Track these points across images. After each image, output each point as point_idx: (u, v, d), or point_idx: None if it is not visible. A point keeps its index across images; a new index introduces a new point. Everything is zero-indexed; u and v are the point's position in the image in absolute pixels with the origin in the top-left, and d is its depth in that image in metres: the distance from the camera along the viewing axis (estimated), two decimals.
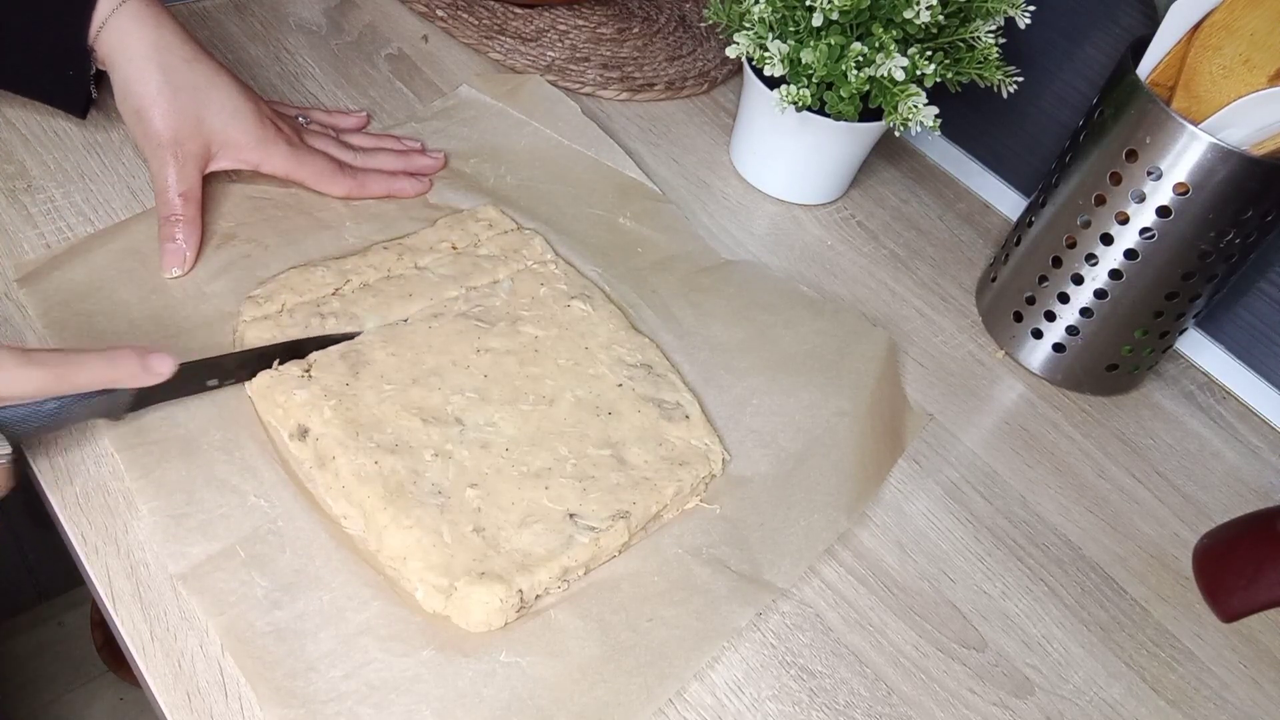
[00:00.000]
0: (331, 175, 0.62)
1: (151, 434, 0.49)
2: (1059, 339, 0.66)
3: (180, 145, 0.56)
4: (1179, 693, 0.54)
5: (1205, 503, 0.64)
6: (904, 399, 0.64)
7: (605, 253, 0.66)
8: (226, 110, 0.57)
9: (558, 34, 0.83)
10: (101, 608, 0.45)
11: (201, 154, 0.57)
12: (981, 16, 0.64)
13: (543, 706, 0.44)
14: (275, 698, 0.42)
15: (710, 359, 0.61)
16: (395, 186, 0.65)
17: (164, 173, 0.56)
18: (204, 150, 0.57)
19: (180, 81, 0.56)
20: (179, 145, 0.56)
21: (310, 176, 0.61)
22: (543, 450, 0.52)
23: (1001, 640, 0.54)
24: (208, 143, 0.57)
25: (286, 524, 0.47)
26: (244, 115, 0.58)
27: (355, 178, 0.63)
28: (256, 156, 0.59)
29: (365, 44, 0.77)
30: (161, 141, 0.56)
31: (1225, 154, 0.55)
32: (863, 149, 0.73)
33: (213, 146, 0.57)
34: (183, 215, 0.56)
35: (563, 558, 0.48)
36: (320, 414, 0.50)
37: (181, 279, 0.56)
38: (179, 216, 0.56)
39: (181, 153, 0.56)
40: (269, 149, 0.59)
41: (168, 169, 0.56)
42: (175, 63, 0.56)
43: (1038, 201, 0.66)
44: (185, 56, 0.56)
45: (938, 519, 0.58)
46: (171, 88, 0.55)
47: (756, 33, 0.66)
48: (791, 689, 0.49)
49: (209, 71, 0.57)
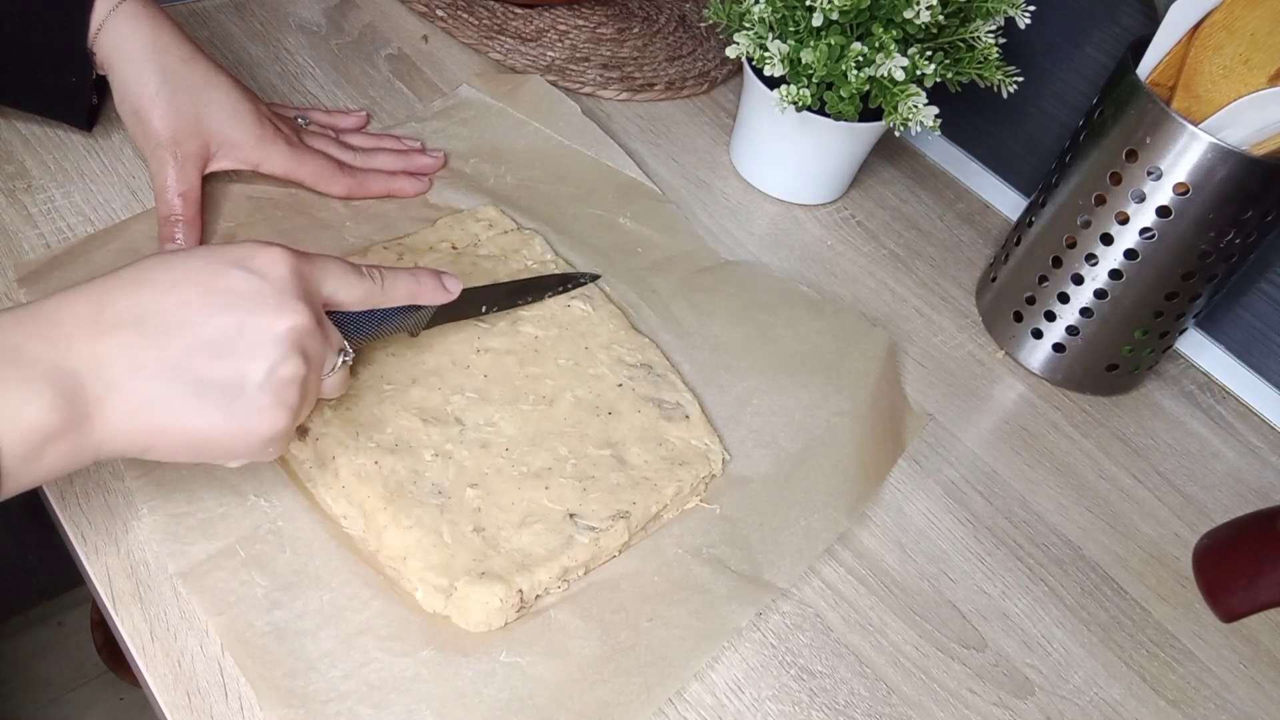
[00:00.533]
0: (331, 175, 0.62)
1: None
2: (1059, 339, 0.66)
3: (179, 145, 0.56)
4: (1179, 693, 0.54)
5: (1205, 503, 0.64)
6: (904, 399, 0.64)
7: (605, 253, 0.65)
8: (225, 110, 0.57)
9: (558, 34, 0.83)
10: (101, 608, 0.45)
11: (201, 154, 0.57)
12: (981, 16, 0.64)
13: (543, 706, 0.44)
14: (275, 697, 0.42)
15: (710, 359, 0.61)
16: (395, 186, 0.65)
17: (163, 173, 0.56)
18: (203, 150, 0.57)
19: (178, 81, 0.55)
20: (178, 145, 0.56)
21: (310, 176, 0.61)
22: (543, 450, 0.52)
23: (1001, 640, 0.54)
24: (207, 143, 0.57)
25: (286, 524, 0.48)
26: (243, 115, 0.58)
27: (355, 177, 0.63)
28: (256, 156, 0.59)
29: (365, 44, 0.77)
30: (160, 141, 0.56)
31: (1225, 154, 0.55)
32: (863, 149, 0.73)
33: (212, 146, 0.57)
34: (182, 215, 0.56)
35: (563, 558, 0.48)
36: (320, 414, 0.50)
37: None
38: (178, 216, 0.56)
39: (181, 153, 0.56)
40: (268, 148, 0.59)
41: (167, 169, 0.56)
42: (173, 63, 0.55)
43: (1038, 201, 0.66)
44: (183, 56, 0.56)
45: (938, 519, 0.58)
46: (170, 88, 0.55)
47: (756, 33, 0.66)
48: (791, 689, 0.49)
49: (207, 71, 0.57)
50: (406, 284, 0.48)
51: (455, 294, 0.51)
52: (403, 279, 0.48)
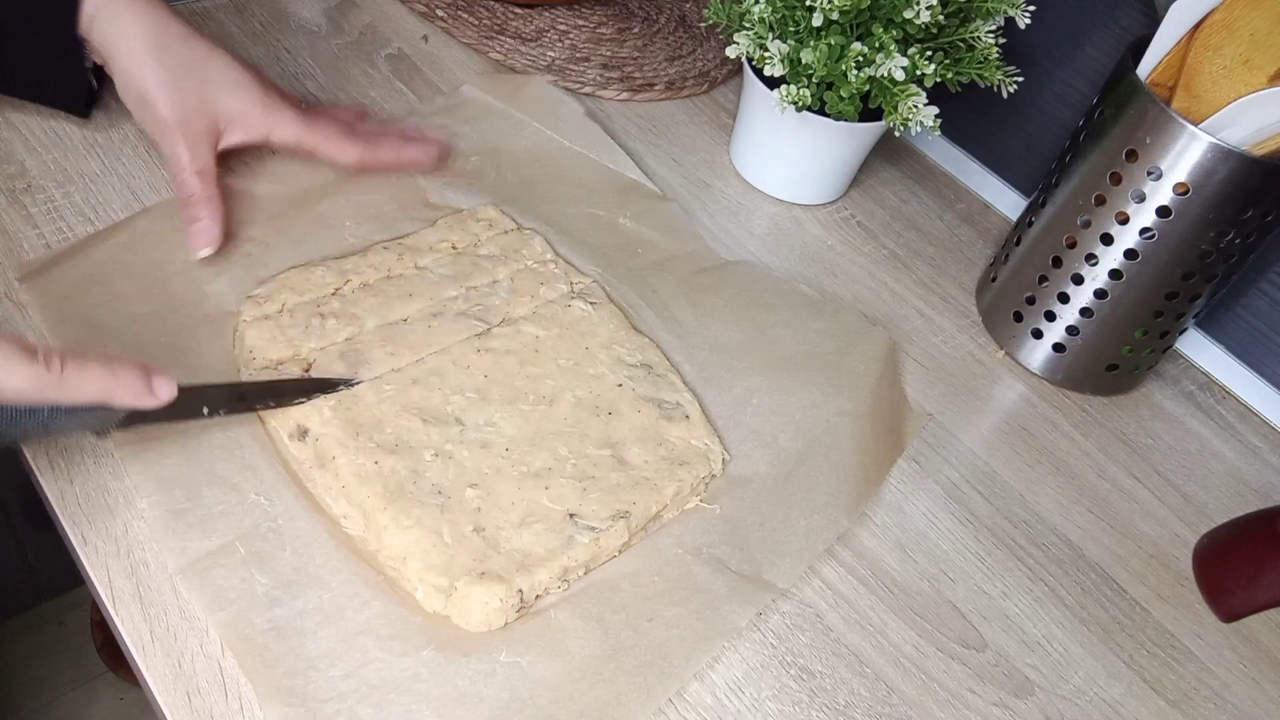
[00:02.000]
0: (343, 140, 0.60)
1: (152, 431, 0.49)
2: (1059, 339, 0.66)
3: (188, 125, 0.55)
4: (1179, 693, 0.54)
5: (1205, 503, 0.64)
6: (904, 399, 0.64)
7: (605, 253, 0.66)
8: (229, 83, 0.56)
9: (558, 34, 0.83)
10: (101, 608, 0.45)
11: (211, 131, 0.56)
12: (981, 16, 0.64)
13: (543, 706, 0.44)
14: (275, 696, 0.42)
15: (710, 359, 0.61)
16: (407, 155, 0.63)
17: (176, 154, 0.55)
18: (212, 127, 0.56)
19: (178, 62, 0.55)
20: (187, 125, 0.55)
21: (322, 142, 0.60)
22: (543, 450, 0.52)
23: (1001, 640, 0.54)
24: (215, 119, 0.56)
25: (286, 523, 0.47)
26: (246, 85, 0.57)
27: (367, 141, 0.61)
28: (266, 125, 0.58)
29: (365, 44, 0.77)
30: (169, 124, 0.55)
31: (1225, 154, 0.55)
32: (863, 149, 0.74)
33: (220, 122, 0.57)
34: (202, 194, 0.56)
35: (563, 558, 0.48)
36: (320, 414, 0.50)
37: (182, 278, 0.56)
38: (198, 195, 0.56)
39: (191, 131, 0.55)
40: (277, 115, 0.58)
41: (179, 150, 0.55)
42: (171, 43, 0.55)
43: (1038, 201, 0.66)
44: (180, 36, 0.55)
45: (938, 519, 0.58)
46: (171, 69, 0.55)
47: (756, 33, 0.66)
48: (791, 689, 0.49)
49: (206, 49, 0.56)
50: (96, 379, 0.40)
51: (163, 400, 0.42)
52: (92, 373, 0.39)
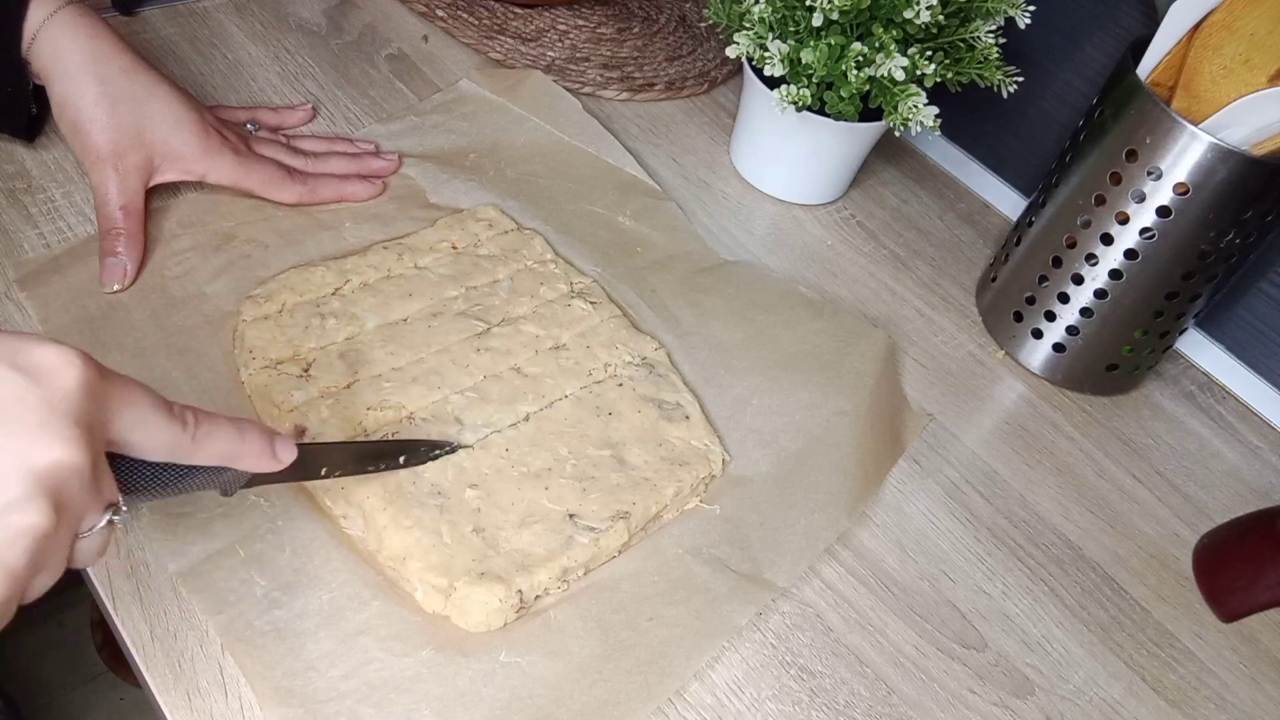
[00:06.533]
0: (280, 182, 0.60)
1: None
2: (1059, 339, 0.66)
3: (121, 158, 0.54)
4: (1179, 693, 0.54)
5: (1205, 503, 0.64)
6: (904, 399, 0.64)
7: (605, 252, 0.65)
8: (168, 121, 0.56)
9: (558, 34, 0.83)
10: (101, 608, 0.45)
11: (144, 166, 0.56)
12: (981, 16, 0.64)
13: (543, 706, 0.44)
14: (275, 697, 0.42)
15: (710, 359, 0.61)
16: (346, 191, 0.63)
17: (104, 186, 0.55)
18: (146, 163, 0.56)
19: (118, 92, 0.54)
20: (119, 158, 0.54)
21: (259, 184, 0.60)
22: (542, 450, 0.52)
23: (1001, 640, 0.54)
24: (150, 155, 0.56)
25: (286, 523, 0.48)
26: (186, 125, 0.56)
27: (306, 184, 0.61)
28: (202, 167, 0.58)
29: (365, 44, 0.77)
30: (101, 155, 0.54)
31: (1225, 154, 0.55)
32: (863, 149, 0.73)
33: (155, 158, 0.56)
34: (124, 229, 0.55)
35: (562, 558, 0.48)
36: (319, 413, 0.50)
37: (181, 279, 0.56)
38: (119, 230, 0.55)
39: (122, 165, 0.55)
40: (214, 159, 0.58)
41: (108, 182, 0.55)
42: (112, 73, 0.54)
43: (1038, 201, 0.66)
44: (123, 66, 0.54)
45: (938, 519, 0.58)
46: (109, 99, 0.54)
47: (756, 33, 0.66)
48: (791, 689, 0.49)
49: (148, 82, 0.55)
50: (226, 441, 0.37)
51: (285, 463, 0.40)
52: (222, 433, 0.37)
